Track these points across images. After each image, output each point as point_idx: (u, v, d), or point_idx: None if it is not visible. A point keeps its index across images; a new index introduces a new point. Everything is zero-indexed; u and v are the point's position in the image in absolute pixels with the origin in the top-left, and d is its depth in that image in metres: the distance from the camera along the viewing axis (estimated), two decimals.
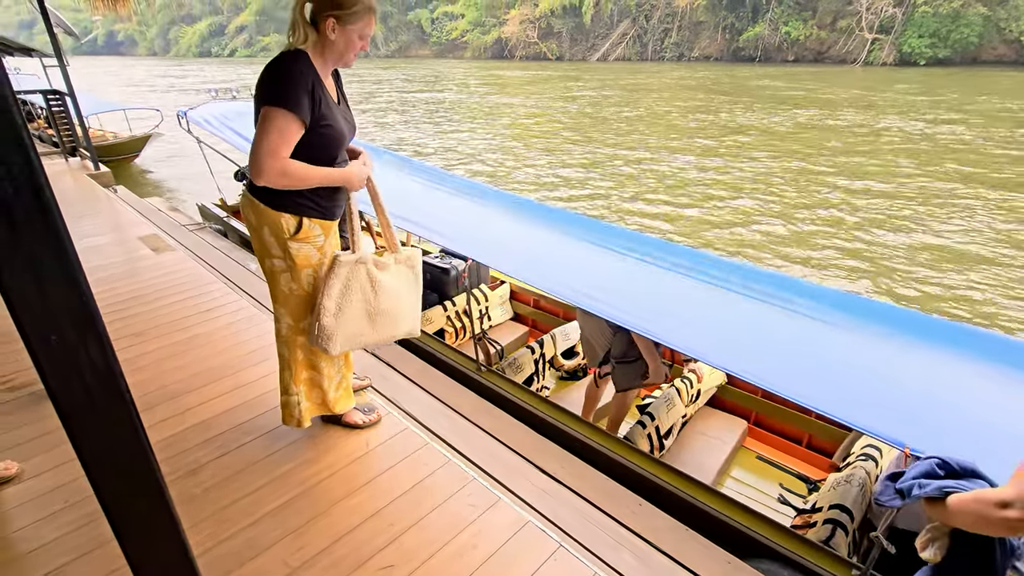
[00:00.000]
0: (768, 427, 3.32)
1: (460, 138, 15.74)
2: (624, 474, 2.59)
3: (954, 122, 16.24)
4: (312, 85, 1.61)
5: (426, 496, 2.05)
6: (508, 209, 3.54)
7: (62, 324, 0.81)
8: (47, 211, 0.74)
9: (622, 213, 9.17)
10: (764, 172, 11.35)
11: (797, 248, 7.65)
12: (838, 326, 2.22)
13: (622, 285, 2.60)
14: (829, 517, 2.31)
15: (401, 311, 2.01)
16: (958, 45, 33.63)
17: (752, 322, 2.31)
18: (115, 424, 0.93)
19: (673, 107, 20.80)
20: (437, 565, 1.76)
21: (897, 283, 6.61)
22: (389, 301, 1.95)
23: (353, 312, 1.87)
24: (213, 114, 5.34)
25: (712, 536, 2.25)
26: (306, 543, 1.83)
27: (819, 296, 2.38)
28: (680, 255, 2.78)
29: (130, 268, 4.19)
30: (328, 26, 1.62)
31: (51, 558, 1.78)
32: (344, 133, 1.76)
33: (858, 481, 2.44)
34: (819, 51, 39.49)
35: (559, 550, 1.83)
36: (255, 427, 2.40)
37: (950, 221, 8.48)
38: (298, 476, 2.13)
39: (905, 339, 2.14)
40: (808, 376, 2.04)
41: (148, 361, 2.87)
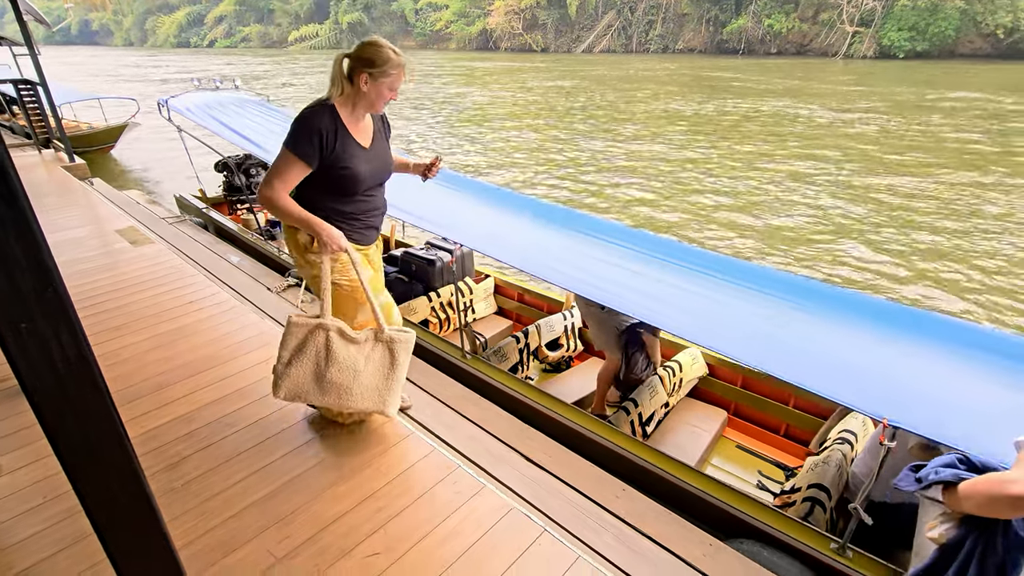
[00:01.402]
0: (747, 417, 3.39)
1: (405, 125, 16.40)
2: (608, 459, 2.63)
3: (859, 110, 17.26)
4: (326, 136, 1.81)
5: (411, 485, 2.06)
6: (491, 200, 3.58)
7: (32, 312, 0.80)
8: (14, 197, 0.73)
9: (532, 184, 10.32)
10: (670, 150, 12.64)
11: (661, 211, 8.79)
12: (808, 312, 2.32)
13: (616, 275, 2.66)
14: (808, 495, 2.37)
15: (355, 388, 1.95)
16: (936, 38, 34.12)
17: (731, 308, 2.38)
18: (90, 414, 0.92)
19: (620, 96, 21.78)
20: (423, 551, 1.77)
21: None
22: (342, 374, 1.93)
23: (302, 370, 1.94)
24: (196, 103, 5.25)
25: (694, 518, 2.30)
26: (291, 532, 1.84)
27: (784, 283, 2.52)
28: (662, 247, 2.87)
29: (108, 261, 4.12)
30: (362, 80, 1.83)
31: (32, 552, 1.76)
32: (361, 175, 1.93)
33: (835, 462, 2.50)
34: (801, 44, 39.82)
35: (543, 535, 1.86)
36: (239, 419, 2.39)
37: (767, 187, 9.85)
38: (282, 467, 2.12)
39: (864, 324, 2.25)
40: (790, 357, 2.11)
41: (130, 354, 2.84)
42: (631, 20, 47.18)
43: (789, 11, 39.62)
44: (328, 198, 1.93)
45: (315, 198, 1.92)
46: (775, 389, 3.27)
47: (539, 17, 50.60)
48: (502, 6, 51.57)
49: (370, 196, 2.04)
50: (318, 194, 1.92)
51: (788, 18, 39.48)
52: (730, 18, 41.70)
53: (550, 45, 50.80)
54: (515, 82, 27.53)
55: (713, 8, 42.47)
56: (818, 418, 3.11)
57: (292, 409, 2.45)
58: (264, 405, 2.47)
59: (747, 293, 2.50)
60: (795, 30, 39.55)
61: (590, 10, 48.57)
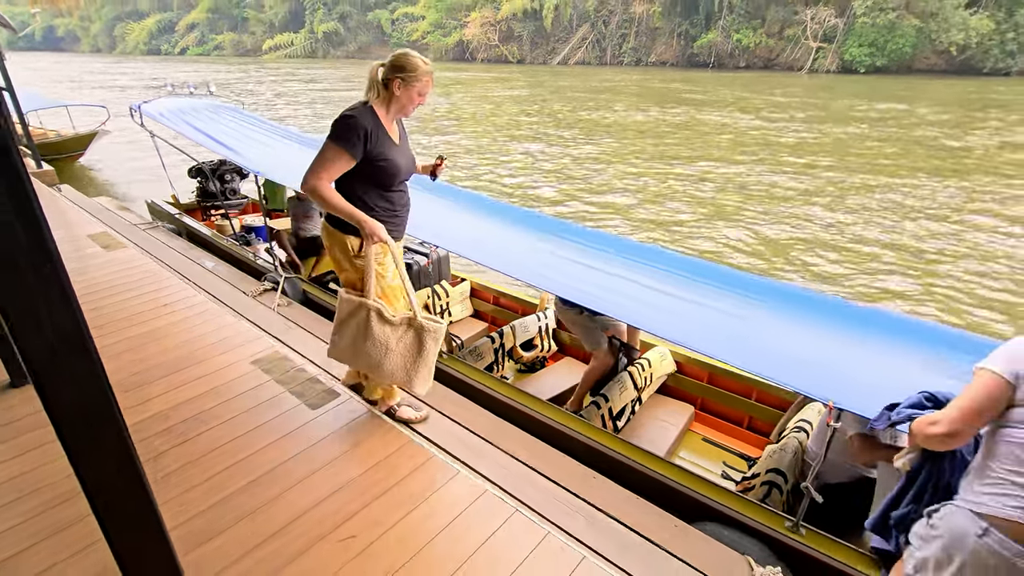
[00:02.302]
0: (713, 411, 3.54)
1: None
2: (580, 451, 2.73)
3: (784, 119, 18.48)
4: (369, 131, 2.00)
5: (387, 473, 2.13)
6: (468, 205, 3.71)
7: (31, 286, 0.87)
8: (13, 167, 0.80)
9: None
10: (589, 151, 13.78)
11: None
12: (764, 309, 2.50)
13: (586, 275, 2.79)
14: (766, 480, 2.51)
15: (385, 363, 2.16)
16: (894, 54, 35.61)
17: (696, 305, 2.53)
18: (86, 379, 0.99)
19: (570, 105, 22.88)
20: (398, 532, 1.85)
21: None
22: (374, 349, 2.15)
23: (345, 339, 2.21)
24: (170, 108, 5.25)
25: (661, 504, 2.42)
26: (268, 520, 1.89)
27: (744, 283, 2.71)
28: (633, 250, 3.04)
29: (80, 265, 4.09)
30: (395, 85, 2.03)
31: (14, 542, 1.78)
32: (400, 167, 2.14)
33: (791, 449, 2.65)
34: (768, 58, 41.10)
35: (515, 515, 1.95)
36: (216, 415, 2.43)
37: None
38: (258, 460, 2.17)
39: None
40: (751, 351, 2.27)
41: (106, 355, 2.81)
42: (605, 33, 48.08)
43: (756, 27, 40.90)
44: (367, 190, 2.11)
45: (355, 189, 2.09)
46: (739, 384, 3.43)
47: (515, 29, 51.20)
48: (478, 18, 52.05)
49: (401, 191, 2.23)
50: (359, 184, 2.09)
51: (755, 33, 40.74)
52: (700, 32, 42.84)
53: (526, 57, 51.39)
54: (479, 91, 28.41)
55: (684, 23, 43.58)
56: (778, 410, 3.27)
57: (267, 405, 2.50)
58: (239, 402, 2.52)
59: (715, 292, 2.65)
60: (762, 45, 40.82)
61: (565, 23, 49.35)
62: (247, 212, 6.83)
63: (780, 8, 39.63)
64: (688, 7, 42.99)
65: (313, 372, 2.77)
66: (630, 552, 1.90)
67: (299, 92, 26.90)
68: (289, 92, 26.73)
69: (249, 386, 2.63)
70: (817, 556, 2.15)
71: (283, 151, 4.91)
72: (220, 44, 70.36)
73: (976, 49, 34.22)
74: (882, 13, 34.47)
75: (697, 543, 2.20)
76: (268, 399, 2.54)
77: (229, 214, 5.98)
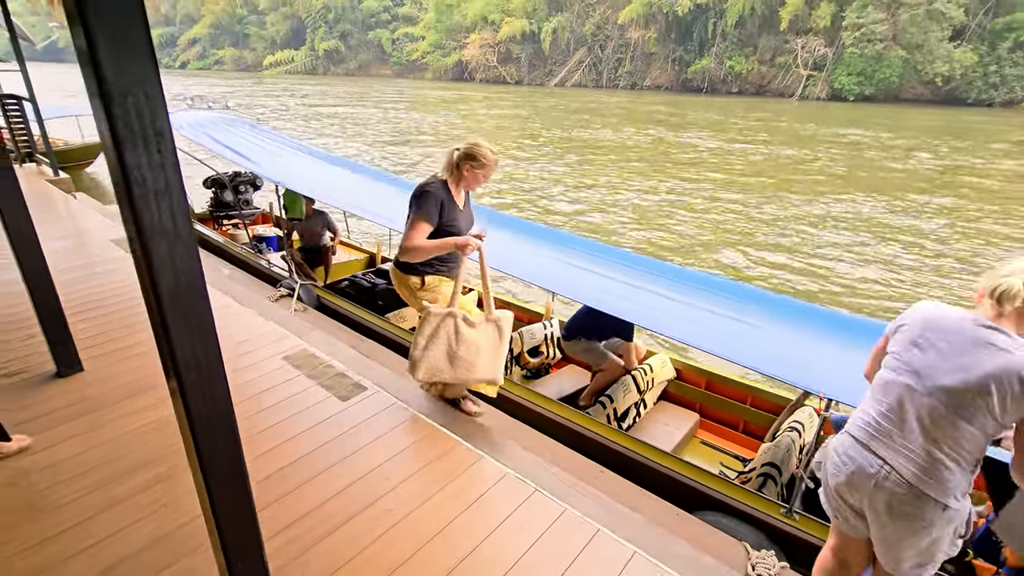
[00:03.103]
0: (711, 416, 3.74)
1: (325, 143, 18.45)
2: (587, 446, 2.93)
3: (746, 141, 19.88)
4: (443, 203, 2.47)
5: (413, 459, 2.31)
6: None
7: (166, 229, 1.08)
8: (162, 137, 1.02)
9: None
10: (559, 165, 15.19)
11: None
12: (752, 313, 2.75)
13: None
14: (762, 472, 2.71)
15: (478, 362, 2.51)
16: (882, 84, 36.72)
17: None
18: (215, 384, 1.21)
19: (549, 124, 24.34)
20: (427, 509, 2.03)
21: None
22: (468, 352, 2.48)
23: (436, 352, 2.46)
24: (188, 121, 5.47)
25: (664, 496, 2.61)
26: (303, 499, 2.06)
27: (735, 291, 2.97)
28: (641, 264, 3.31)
29: (107, 268, 4.26)
30: (465, 168, 2.50)
31: (76, 513, 1.94)
32: (462, 229, 2.59)
33: (785, 445, 2.85)
34: (760, 84, 42.18)
35: (535, 494, 2.14)
36: (251, 406, 2.60)
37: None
38: (294, 446, 2.35)
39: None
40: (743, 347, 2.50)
41: (141, 349, 3.02)
42: (601, 57, 49.20)
43: (748, 54, 42.05)
44: None
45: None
46: (735, 390, 3.64)
47: (513, 51, 52.28)
48: (478, 39, 53.12)
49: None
50: (430, 239, 2.53)
51: (748, 60, 41.88)
52: (694, 58, 43.96)
53: (523, 78, 52.38)
54: (464, 108, 29.86)
55: (678, 49, 44.72)
56: (772, 414, 3.48)
57: (299, 398, 2.68)
58: (273, 394, 2.69)
59: (711, 297, 2.89)
60: (754, 71, 41.93)
61: (562, 46, 50.47)
62: (258, 222, 7.04)
63: (772, 37, 40.81)
64: (682, 34, 44.15)
65: (341, 368, 2.95)
66: (640, 532, 2.08)
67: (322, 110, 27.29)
68: (300, 109, 27.22)
69: (282, 379, 2.81)
70: (809, 539, 2.34)
71: (299, 162, 5.15)
72: (221, 59, 71.12)
73: (960, 80, 35.36)
74: (870, 44, 35.59)
75: (698, 529, 2.39)
76: (299, 392, 2.72)
77: (243, 223, 6.18)
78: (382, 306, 4.70)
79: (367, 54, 64.03)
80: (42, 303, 2.64)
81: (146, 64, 0.96)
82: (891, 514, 1.59)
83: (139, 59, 0.95)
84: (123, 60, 0.93)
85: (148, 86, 0.97)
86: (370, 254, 6.01)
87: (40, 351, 2.82)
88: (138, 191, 1.00)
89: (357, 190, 4.65)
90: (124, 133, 0.96)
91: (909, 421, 1.57)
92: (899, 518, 1.58)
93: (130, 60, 0.94)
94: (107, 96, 0.93)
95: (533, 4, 50.20)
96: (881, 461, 1.60)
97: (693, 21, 42.68)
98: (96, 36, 0.90)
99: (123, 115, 0.95)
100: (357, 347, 3.50)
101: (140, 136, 0.97)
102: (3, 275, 3.89)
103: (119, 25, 0.92)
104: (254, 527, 1.51)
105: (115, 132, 0.95)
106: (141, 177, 0.99)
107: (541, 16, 50.17)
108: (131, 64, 0.94)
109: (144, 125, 0.97)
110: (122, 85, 0.94)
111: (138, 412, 2.51)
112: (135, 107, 0.96)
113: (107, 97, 0.93)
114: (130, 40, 0.93)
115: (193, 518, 1.91)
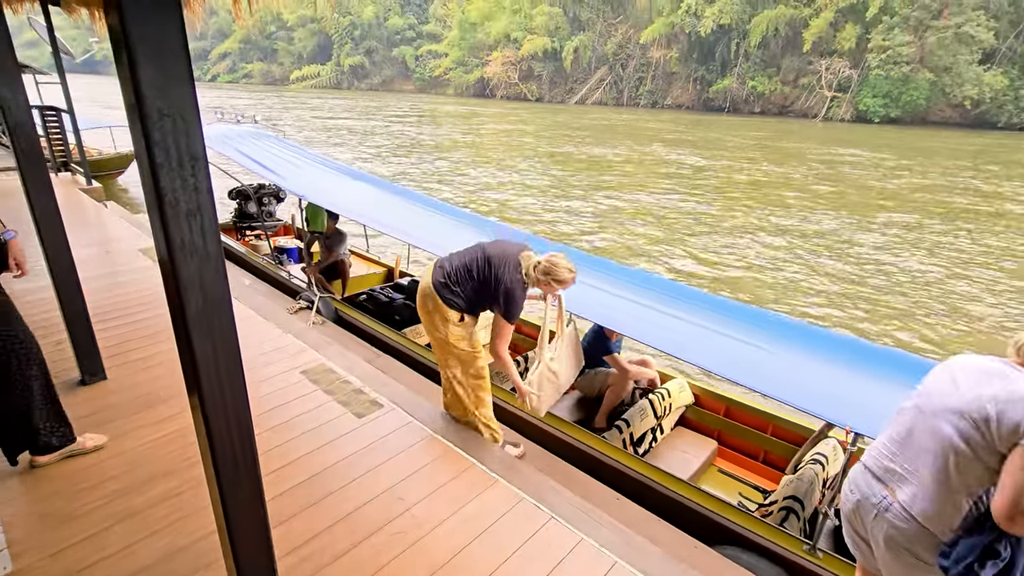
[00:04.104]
0: (730, 445, 3.65)
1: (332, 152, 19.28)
2: (602, 471, 2.87)
3: (719, 157, 20.41)
4: (521, 304, 2.64)
5: (428, 479, 2.29)
6: (494, 234, 3.98)
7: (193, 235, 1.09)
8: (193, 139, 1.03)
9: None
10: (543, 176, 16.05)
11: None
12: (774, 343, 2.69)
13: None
14: (784, 506, 2.63)
15: (567, 372, 3.11)
16: (908, 106, 36.28)
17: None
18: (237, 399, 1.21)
19: (550, 139, 25.01)
20: (441, 532, 2.00)
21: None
22: (563, 371, 3.06)
23: (548, 391, 2.95)
24: (217, 133, 5.60)
25: (680, 526, 2.54)
26: (320, 516, 2.05)
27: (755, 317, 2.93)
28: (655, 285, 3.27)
29: (134, 277, 4.35)
30: (543, 284, 2.57)
31: (94, 523, 1.96)
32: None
33: (808, 479, 2.77)
34: (783, 105, 41.99)
35: (550, 521, 2.09)
36: (269, 420, 2.61)
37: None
38: (310, 462, 2.34)
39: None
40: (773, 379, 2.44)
41: (162, 359, 3.06)
42: (622, 76, 49.49)
43: (771, 74, 41.94)
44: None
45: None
46: (756, 419, 3.55)
47: (535, 69, 52.87)
48: (500, 57, 53.85)
49: None
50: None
51: (771, 80, 41.77)
52: (716, 78, 43.99)
53: (544, 95, 52.87)
54: (473, 124, 30.69)
55: (700, 68, 44.81)
56: (794, 445, 3.38)
57: (316, 413, 2.68)
58: (290, 409, 2.70)
59: (732, 323, 2.84)
60: (777, 92, 41.78)
61: (584, 64, 50.92)
62: (279, 234, 7.15)
63: (795, 58, 40.69)
64: (705, 54, 44.26)
65: (357, 384, 2.95)
66: (658, 566, 2.02)
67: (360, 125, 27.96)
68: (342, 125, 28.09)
69: (299, 394, 2.82)
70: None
71: (322, 177, 5.23)
72: (249, 73, 73.11)
73: (991, 104, 34.77)
74: (896, 66, 35.26)
75: (717, 564, 2.32)
76: (316, 407, 2.72)
77: (265, 235, 6.28)
78: (398, 321, 4.71)
79: (391, 70, 65.30)
80: (71, 312, 2.69)
81: (185, 89, 0.98)
82: (889, 546, 1.55)
83: (178, 85, 0.97)
84: (164, 84, 0.95)
85: (185, 111, 0.99)
86: (388, 268, 6.05)
87: (67, 357, 2.87)
88: (171, 211, 1.01)
89: (378, 205, 4.69)
90: (160, 156, 0.97)
91: (914, 446, 1.54)
92: (896, 551, 1.54)
93: (171, 85, 0.96)
94: (146, 118, 0.95)
95: (556, 23, 50.84)
96: (885, 490, 1.58)
97: (716, 41, 42.78)
98: (137, 59, 0.92)
99: (161, 139, 0.97)
100: (373, 362, 3.50)
101: (175, 159, 0.99)
102: (38, 281, 3.99)
103: (161, 49, 0.94)
104: (268, 546, 1.50)
105: (151, 154, 0.96)
106: (175, 199, 1.01)
107: (563, 35, 50.76)
108: (171, 88, 0.96)
109: (180, 149, 0.99)
110: (161, 108, 0.96)
111: (157, 423, 2.53)
112: (172, 131, 0.97)
113: (145, 119, 0.95)
114: (170, 65, 0.95)
115: (208, 534, 1.91)
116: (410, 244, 4.01)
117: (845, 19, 38.06)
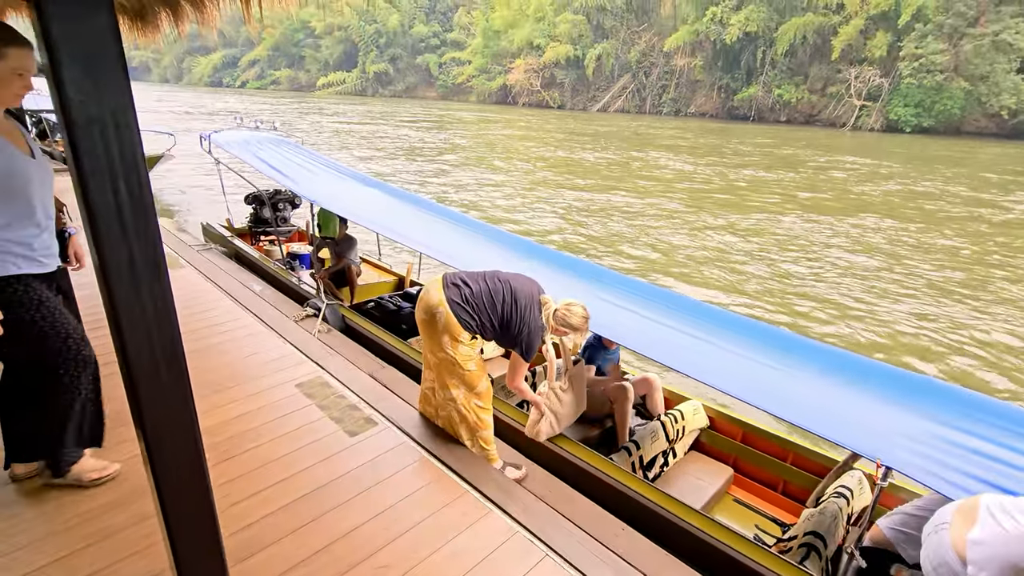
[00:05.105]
0: (747, 473, 3.44)
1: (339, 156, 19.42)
2: (609, 496, 2.70)
3: (711, 163, 20.34)
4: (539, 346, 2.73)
5: (420, 505, 2.16)
6: (503, 242, 3.88)
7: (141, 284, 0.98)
8: None
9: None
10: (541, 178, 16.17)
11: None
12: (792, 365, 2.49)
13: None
14: (804, 542, 2.43)
15: (571, 407, 3.10)
16: (942, 116, 35.22)
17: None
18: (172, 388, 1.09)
19: (554, 146, 24.89)
20: (430, 565, 1.86)
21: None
22: (568, 401, 3.06)
23: (565, 412, 3.03)
24: (236, 139, 5.61)
25: (691, 562, 2.36)
26: (304, 543, 1.93)
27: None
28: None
29: None
30: (560, 332, 2.66)
31: (75, 540, 1.87)
32: None
33: (831, 513, 2.57)
34: (810, 114, 41.18)
35: (545, 559, 1.95)
36: (259, 435, 2.51)
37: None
38: (298, 482, 2.24)
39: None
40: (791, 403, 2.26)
41: None
42: (645, 84, 49.18)
43: (799, 82, 41.19)
44: None
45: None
46: (774, 446, 3.34)
47: (557, 76, 52.87)
48: (522, 64, 54.00)
49: None
50: None
51: (798, 89, 41.01)
52: (741, 86, 43.37)
53: (566, 103, 52.81)
54: (485, 129, 31.10)
55: (725, 76, 44.24)
56: (815, 476, 3.16)
57: (308, 430, 2.58)
58: (282, 424, 2.60)
59: (751, 343, 2.66)
60: (804, 101, 41.00)
61: (607, 72, 50.74)
62: (293, 240, 7.14)
63: (823, 66, 39.92)
64: (730, 62, 43.72)
65: (353, 400, 2.85)
66: None
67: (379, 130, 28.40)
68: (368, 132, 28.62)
69: (291, 409, 2.72)
70: None
71: (336, 184, 5.18)
72: (277, 79, 74.67)
73: None
74: (929, 75, 34.32)
75: None
76: (307, 424, 2.62)
77: (279, 240, 6.27)
78: (405, 330, 4.61)
79: (414, 77, 66.04)
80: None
81: (119, 92, 0.88)
82: None
83: (111, 88, 0.87)
84: (93, 88, 0.85)
85: (119, 117, 0.88)
86: (399, 277, 5.97)
87: None
88: (104, 227, 0.91)
89: (389, 212, 4.62)
90: (89, 166, 0.87)
91: None
92: None
93: (102, 88, 0.86)
94: (72, 125, 0.85)
95: (579, 30, 50.79)
96: None
97: (741, 49, 42.22)
98: (61, 59, 0.81)
99: (90, 148, 0.86)
100: (376, 374, 3.40)
101: (107, 170, 0.89)
102: None
103: (89, 48, 0.84)
104: None
105: (79, 164, 0.86)
106: (107, 213, 0.90)
107: (586, 42, 50.69)
108: (103, 92, 0.86)
109: (111, 158, 0.89)
110: (91, 114, 0.86)
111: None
112: (101, 139, 0.87)
113: (72, 126, 0.85)
114: (100, 66, 0.85)
115: None
116: (421, 252, 3.93)
117: (876, 26, 37.21)
